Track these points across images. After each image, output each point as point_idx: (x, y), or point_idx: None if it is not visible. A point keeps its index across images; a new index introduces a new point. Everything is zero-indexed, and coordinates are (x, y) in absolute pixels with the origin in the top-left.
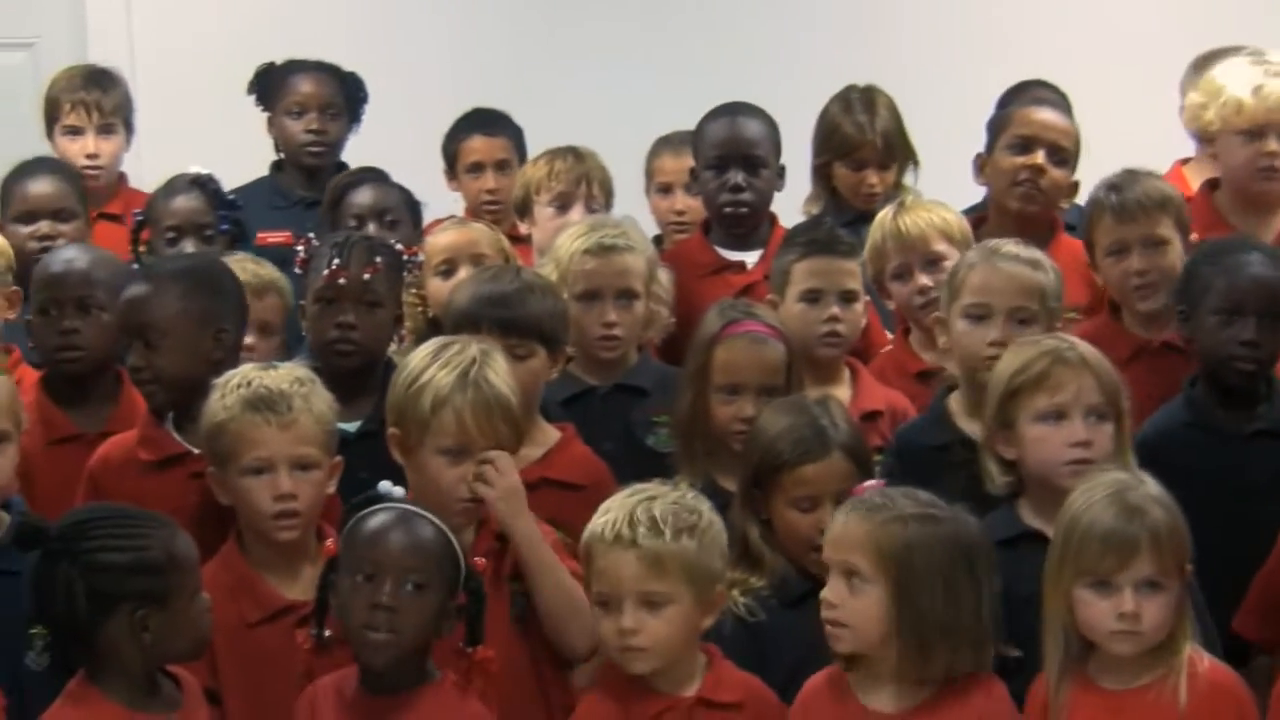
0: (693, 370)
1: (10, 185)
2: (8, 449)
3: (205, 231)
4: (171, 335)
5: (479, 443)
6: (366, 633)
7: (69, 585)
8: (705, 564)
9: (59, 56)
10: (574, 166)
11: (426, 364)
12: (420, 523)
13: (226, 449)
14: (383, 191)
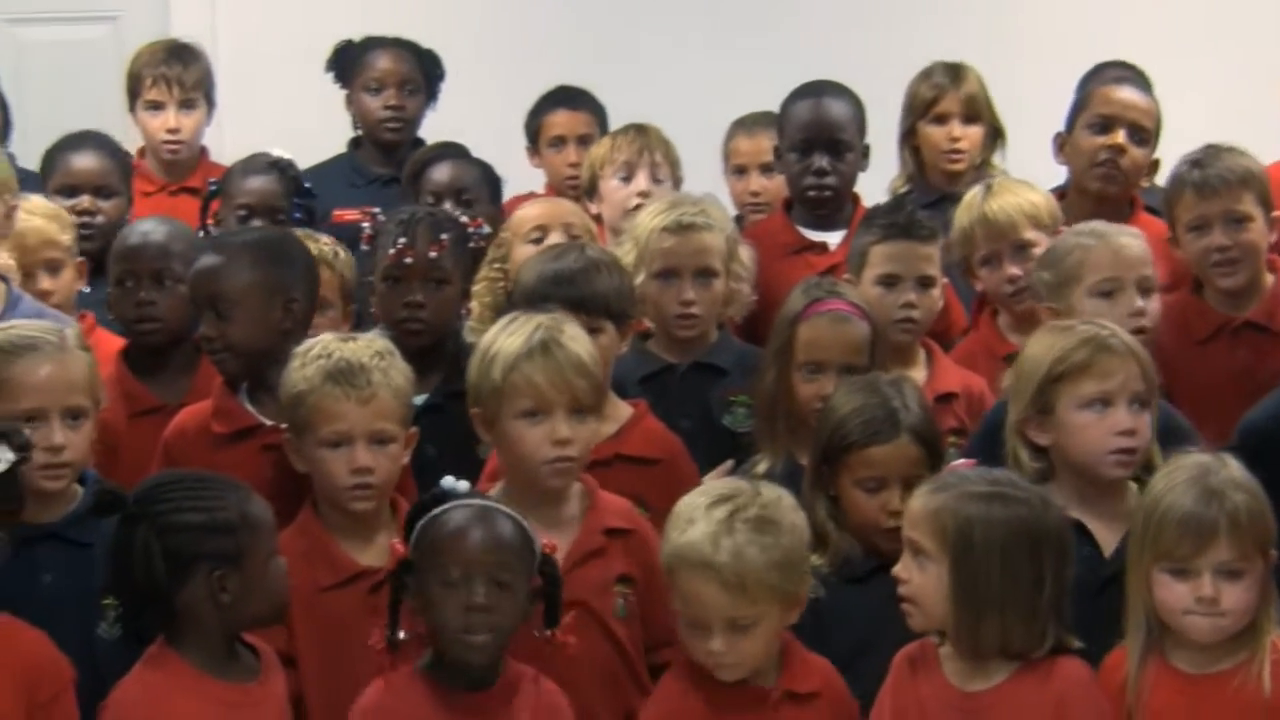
0: (776, 348)
1: (54, 156)
2: (85, 425)
3: (277, 215)
4: (242, 305)
5: (556, 401)
6: (466, 636)
7: (146, 548)
8: (788, 574)
9: (141, 30)
10: (635, 138)
11: (495, 336)
12: (496, 516)
13: (305, 419)
14: (461, 167)
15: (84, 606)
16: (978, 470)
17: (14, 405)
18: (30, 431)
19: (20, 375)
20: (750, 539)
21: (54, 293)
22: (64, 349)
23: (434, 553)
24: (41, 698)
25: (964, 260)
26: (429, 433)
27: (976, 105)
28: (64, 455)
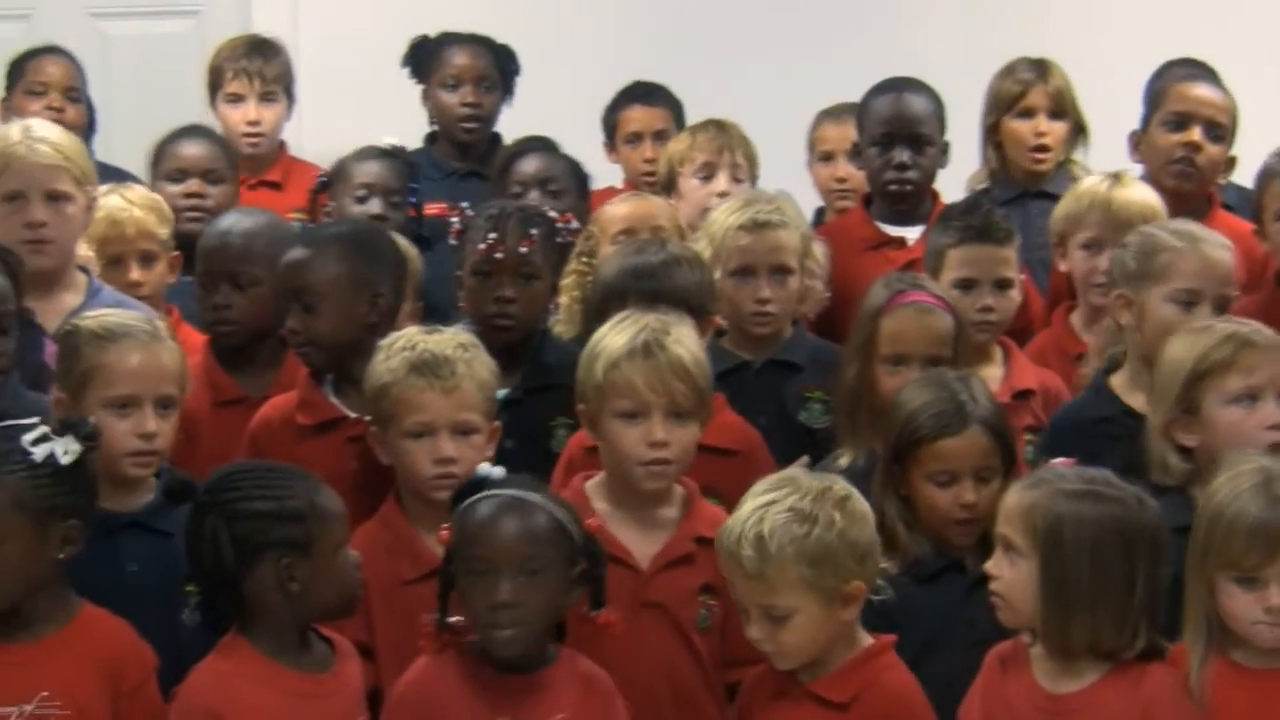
0: (858, 342)
1: (164, 146)
2: (173, 413)
3: (392, 197)
4: (328, 298)
5: (654, 403)
6: (493, 631)
7: (215, 535)
8: (826, 568)
9: (223, 25)
10: (716, 136)
11: (604, 334)
12: (525, 505)
13: (388, 411)
14: (549, 161)
15: (167, 594)
16: (1074, 468)
17: (107, 392)
18: (121, 419)
19: (114, 362)
20: (779, 530)
21: (144, 284)
22: (156, 338)
23: (464, 543)
24: (126, 686)
25: (1062, 238)
26: (508, 427)
27: (1063, 100)
28: (155, 443)
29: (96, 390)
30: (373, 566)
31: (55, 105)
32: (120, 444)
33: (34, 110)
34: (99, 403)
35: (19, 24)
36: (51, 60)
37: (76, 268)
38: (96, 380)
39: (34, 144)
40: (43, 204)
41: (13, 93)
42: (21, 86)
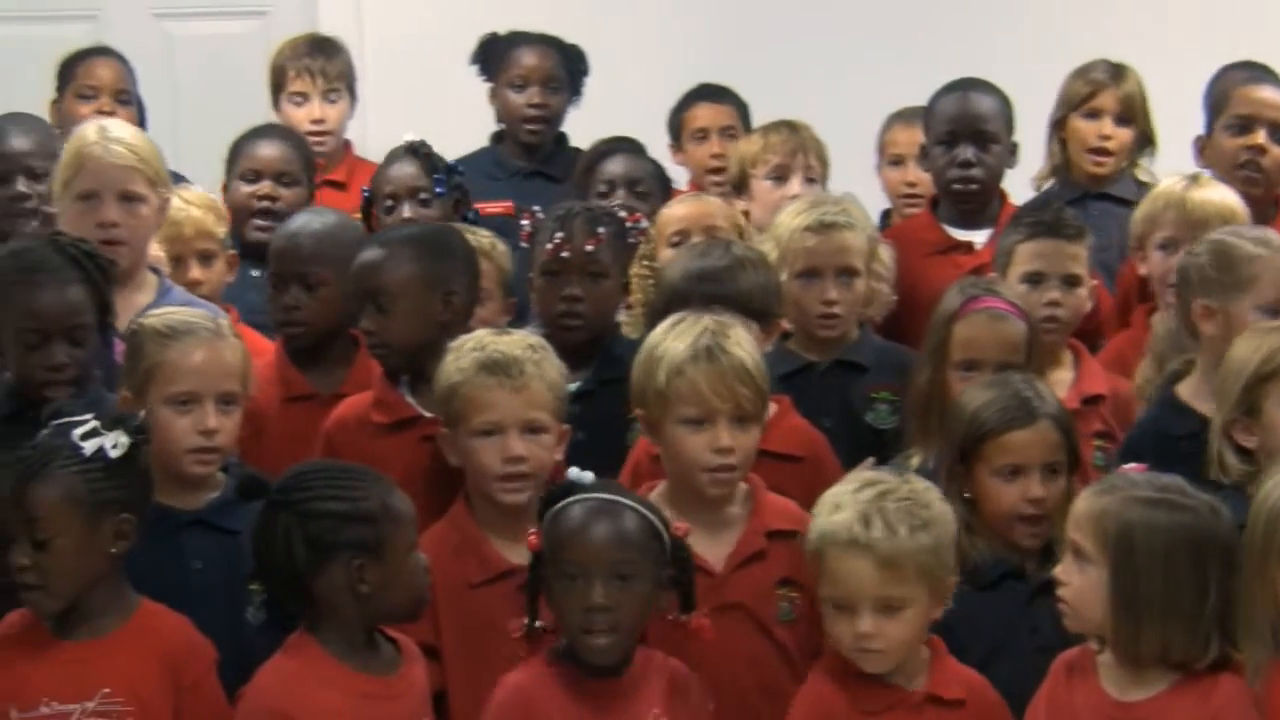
0: (931, 346)
1: (240, 145)
2: (235, 411)
3: (421, 195)
4: (402, 299)
5: (720, 409)
6: (586, 636)
7: (287, 534)
8: (939, 559)
9: (289, 25)
10: (789, 138)
11: (661, 338)
12: (616, 509)
13: (458, 410)
14: (635, 162)
15: (232, 592)
16: (1147, 475)
17: (169, 388)
18: (182, 415)
19: (176, 359)
20: (900, 518)
21: (204, 283)
22: (219, 335)
23: (556, 548)
24: (186, 680)
25: (1140, 240)
26: (580, 419)
27: (1132, 107)
28: (216, 440)
29: (158, 387)
30: (440, 568)
31: (106, 109)
32: (181, 441)
33: (85, 114)
34: (161, 399)
35: (85, 25)
36: (101, 62)
37: (148, 268)
38: (158, 377)
39: (109, 144)
40: (116, 204)
41: (64, 95)
42: (72, 89)
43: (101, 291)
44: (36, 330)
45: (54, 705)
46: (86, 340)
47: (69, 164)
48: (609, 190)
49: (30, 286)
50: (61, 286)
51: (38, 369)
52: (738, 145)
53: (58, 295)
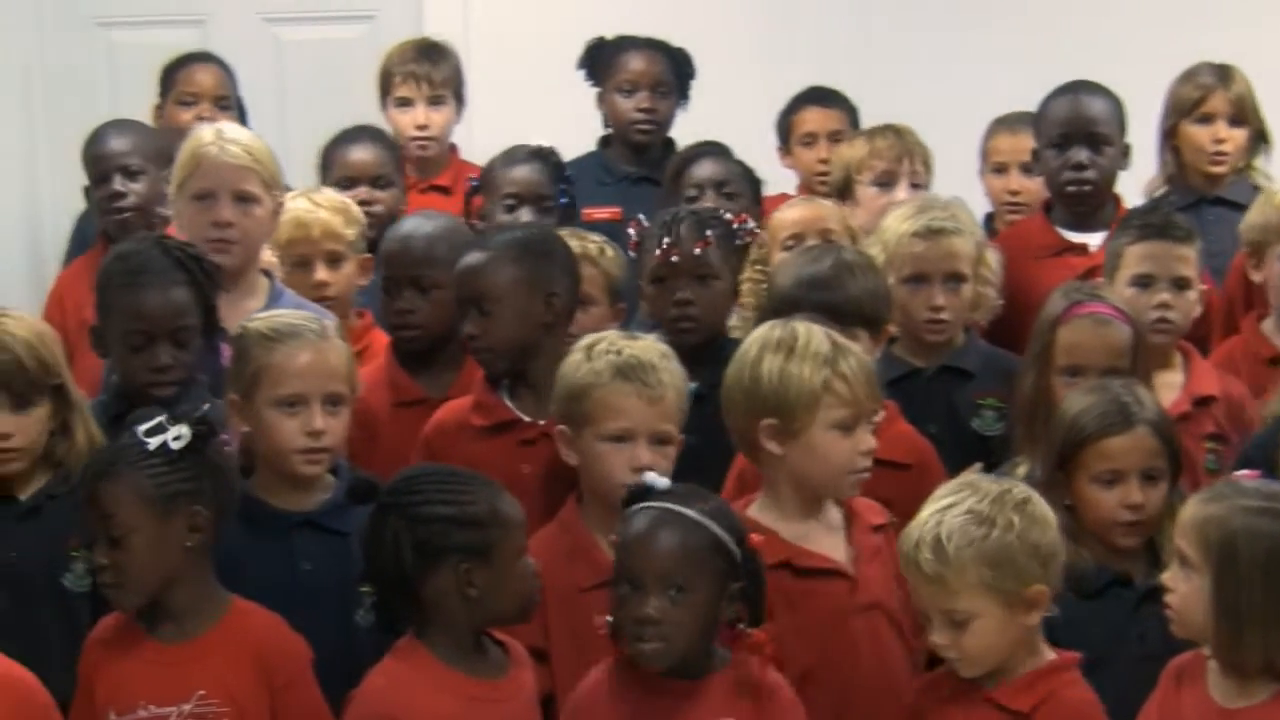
0: (1036, 352)
1: (331, 151)
2: (343, 412)
3: (544, 203)
4: (504, 302)
5: (868, 409)
6: (636, 644)
7: (396, 538)
8: (1007, 571)
9: (397, 30)
10: (895, 144)
11: (780, 352)
12: (678, 520)
13: (587, 412)
14: (723, 165)
15: (342, 594)
16: (1257, 482)
17: (275, 391)
18: (290, 417)
19: (282, 361)
20: (956, 533)
21: (330, 285)
22: (324, 337)
23: (620, 552)
24: (280, 680)
25: (1254, 248)
26: (692, 422)
27: (1244, 107)
28: (323, 441)
29: (265, 390)
30: (550, 572)
31: (206, 114)
32: (289, 442)
33: (186, 120)
34: (267, 402)
35: (194, 30)
36: (201, 68)
37: (259, 271)
38: (265, 380)
39: (225, 145)
40: (230, 204)
41: (165, 101)
42: (173, 96)
43: (206, 294)
44: (141, 332)
45: (151, 708)
46: (191, 342)
47: (185, 164)
48: (698, 194)
49: (135, 288)
50: (166, 289)
51: (142, 370)
52: (841, 150)
53: (162, 297)
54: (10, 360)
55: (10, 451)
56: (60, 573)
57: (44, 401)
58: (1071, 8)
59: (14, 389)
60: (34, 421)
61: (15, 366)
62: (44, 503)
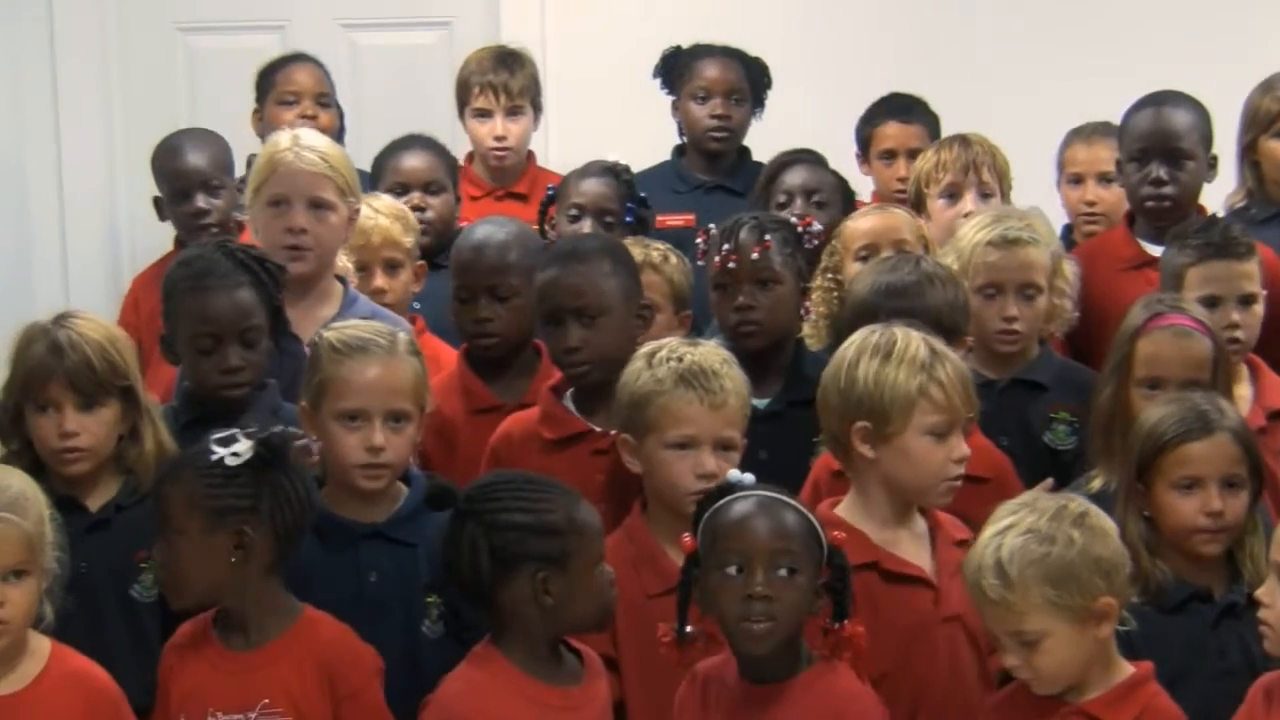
0: (1115, 363)
1: (383, 159)
2: (407, 428)
3: (606, 218)
4: (610, 313)
5: (963, 416)
6: (745, 625)
7: (474, 545)
8: (1069, 588)
9: (472, 36)
10: (960, 154)
11: (877, 356)
12: (781, 506)
13: (650, 420)
14: (816, 173)
15: (409, 605)
16: None
17: (339, 404)
18: (351, 431)
19: (347, 375)
20: (1017, 554)
21: (388, 292)
22: (393, 353)
23: (715, 542)
24: (344, 690)
25: None
26: (765, 438)
27: None
28: (382, 456)
29: (330, 402)
30: (618, 579)
31: (308, 113)
32: (349, 456)
33: (288, 120)
34: (332, 414)
35: (273, 35)
36: (300, 68)
37: (334, 277)
38: (330, 392)
39: (301, 151)
40: (305, 210)
41: (264, 103)
42: (273, 97)
43: (271, 295)
44: (209, 335)
45: (219, 715)
46: (259, 342)
47: (261, 170)
48: (788, 200)
49: (200, 292)
50: (231, 290)
51: (212, 373)
52: (916, 162)
53: (228, 299)
54: (80, 360)
55: (76, 451)
56: (128, 584)
57: (112, 403)
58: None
59: (82, 389)
60: (101, 423)
61: (84, 367)
62: (113, 515)
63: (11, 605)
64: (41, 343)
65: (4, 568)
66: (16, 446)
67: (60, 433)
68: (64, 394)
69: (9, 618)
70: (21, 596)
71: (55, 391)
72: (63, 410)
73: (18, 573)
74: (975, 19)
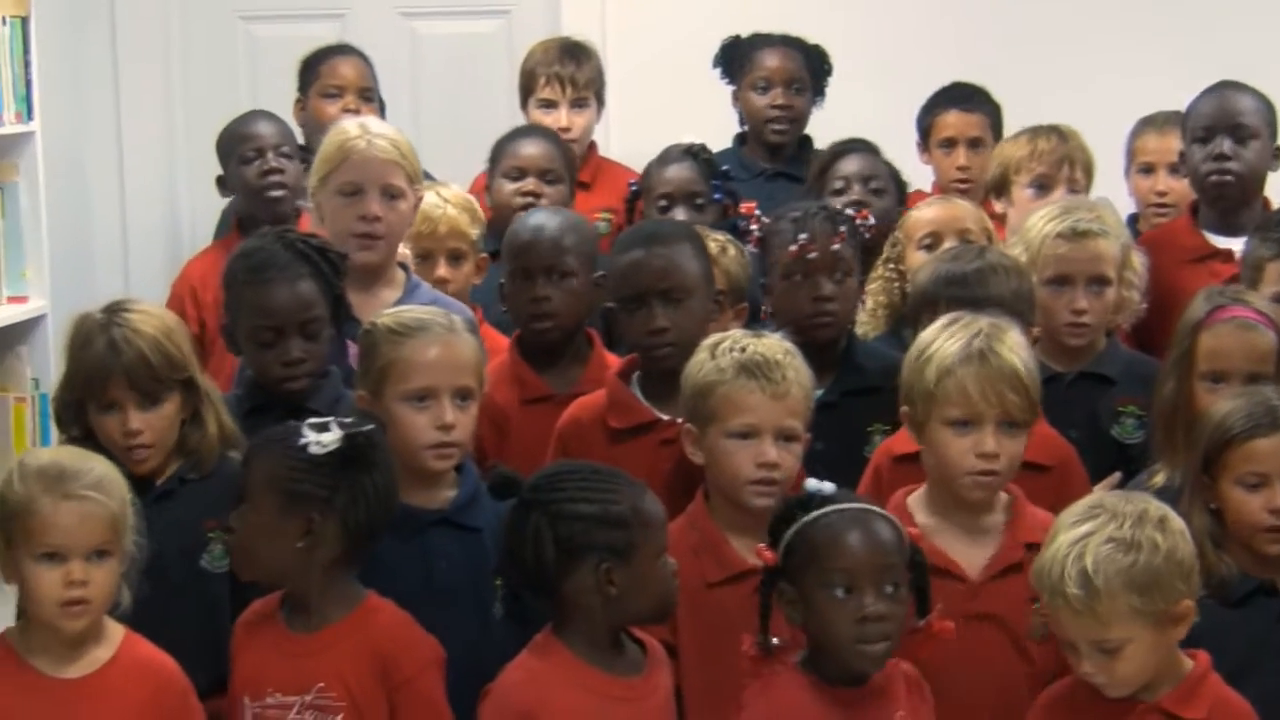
0: (1176, 356)
1: (504, 143)
2: (471, 406)
3: (696, 200)
4: (693, 295)
5: (986, 413)
6: (862, 647)
7: (537, 534)
8: (1155, 594)
9: (532, 26)
10: (1057, 147)
11: (934, 337)
12: (875, 520)
13: (712, 409)
14: (870, 161)
15: (478, 590)
16: None
17: (404, 385)
18: (420, 412)
19: (410, 355)
20: (1103, 563)
21: (450, 282)
22: (453, 331)
23: (816, 559)
24: (398, 677)
25: None
26: (820, 429)
27: None
28: (453, 435)
29: (394, 385)
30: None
31: (351, 107)
32: (419, 437)
33: (331, 113)
34: (397, 396)
35: (332, 23)
36: (345, 61)
37: (397, 264)
38: (393, 374)
39: (373, 139)
40: (378, 198)
41: (307, 93)
42: (316, 89)
43: (332, 284)
44: (270, 327)
45: (278, 696)
46: (320, 333)
47: (330, 158)
48: (845, 187)
49: (260, 284)
50: (291, 282)
51: (274, 365)
52: (1002, 146)
53: (288, 291)
54: (136, 359)
55: (142, 449)
56: (198, 555)
57: (173, 397)
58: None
59: (142, 387)
60: (163, 418)
61: (141, 365)
62: (176, 487)
63: (94, 585)
64: (99, 341)
65: (89, 547)
66: (77, 434)
67: (124, 431)
68: (125, 393)
69: (92, 597)
70: (104, 577)
71: (116, 392)
72: (125, 409)
73: (101, 553)
74: (1037, 8)
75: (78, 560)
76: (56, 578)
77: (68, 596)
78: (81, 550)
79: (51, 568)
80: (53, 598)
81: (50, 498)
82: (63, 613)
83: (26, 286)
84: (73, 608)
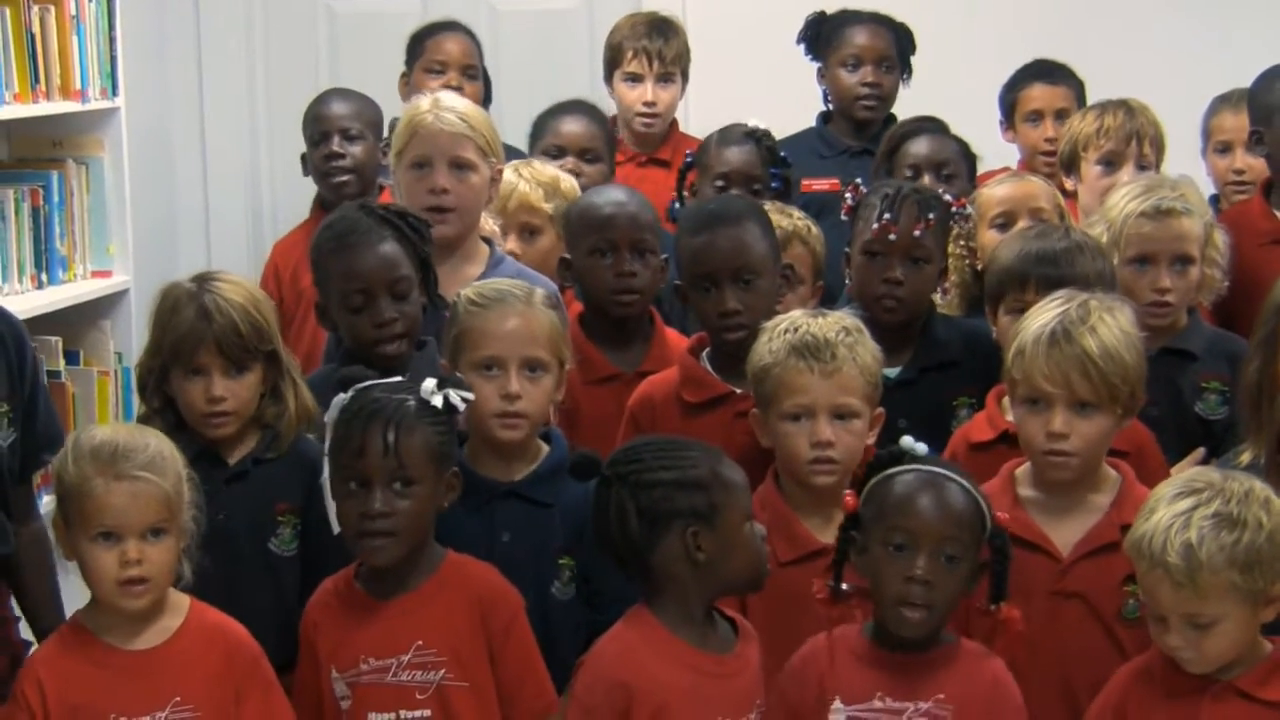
0: (1263, 336)
1: (544, 120)
2: (544, 379)
3: (754, 185)
4: (764, 274)
5: (1055, 395)
6: (901, 608)
7: (621, 508)
8: (1255, 573)
9: (613, 2)
10: (1125, 123)
11: (1034, 312)
12: (949, 486)
13: (769, 392)
14: (940, 143)
15: (539, 565)
16: None
17: (475, 354)
18: (488, 380)
19: (483, 325)
20: (1207, 537)
21: (521, 256)
22: (529, 304)
23: (880, 515)
24: (496, 625)
25: None
26: (902, 406)
27: None
28: (518, 405)
29: (467, 353)
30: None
31: (453, 84)
32: (487, 405)
33: (434, 88)
34: (469, 365)
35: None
36: (450, 37)
37: (480, 239)
38: (466, 344)
39: (441, 113)
40: (447, 171)
41: (413, 69)
42: (421, 64)
43: (418, 248)
44: (359, 291)
45: (371, 661)
46: (410, 294)
47: (402, 133)
48: (915, 175)
49: (345, 250)
50: (375, 244)
51: (367, 328)
52: (1072, 122)
53: (372, 253)
54: (226, 326)
55: (223, 415)
56: (267, 536)
57: (257, 367)
58: None
59: (229, 354)
60: (246, 387)
61: (231, 332)
62: (251, 467)
63: (151, 563)
64: (189, 308)
65: (144, 526)
66: (158, 405)
67: (208, 397)
68: (214, 359)
69: (151, 575)
70: (161, 555)
71: (205, 357)
72: (211, 375)
73: (156, 531)
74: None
75: (133, 540)
76: (113, 558)
77: (125, 575)
78: (136, 530)
79: (108, 548)
80: (110, 577)
81: (103, 479)
82: (122, 591)
83: (111, 261)
84: (132, 587)
